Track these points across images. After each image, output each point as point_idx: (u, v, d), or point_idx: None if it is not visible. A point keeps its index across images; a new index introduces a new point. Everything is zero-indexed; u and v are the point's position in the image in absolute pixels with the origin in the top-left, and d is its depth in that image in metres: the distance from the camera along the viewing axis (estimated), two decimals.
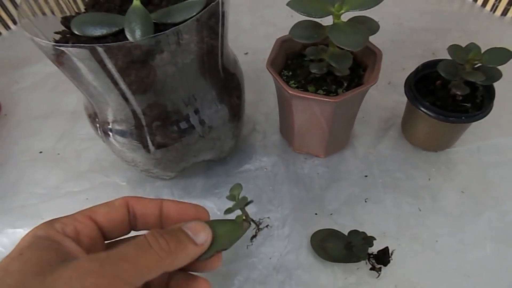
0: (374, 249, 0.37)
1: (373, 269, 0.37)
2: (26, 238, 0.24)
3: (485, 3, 0.67)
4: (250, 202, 0.29)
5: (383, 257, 0.37)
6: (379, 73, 0.39)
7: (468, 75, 0.39)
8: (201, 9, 0.31)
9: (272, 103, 0.54)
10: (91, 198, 0.46)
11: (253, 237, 0.32)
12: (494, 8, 0.66)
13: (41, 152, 0.51)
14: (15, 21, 0.71)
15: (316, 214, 0.43)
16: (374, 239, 0.37)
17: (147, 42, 0.28)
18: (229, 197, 0.30)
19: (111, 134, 0.37)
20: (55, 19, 0.36)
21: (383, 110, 0.52)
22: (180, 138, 0.37)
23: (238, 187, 0.30)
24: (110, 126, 0.37)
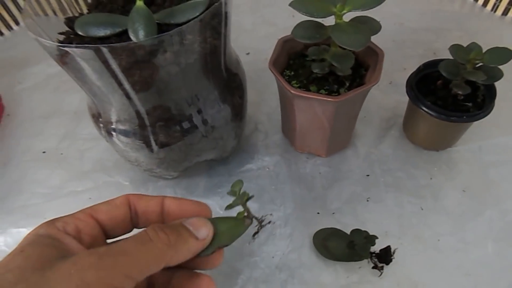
0: (376, 248, 0.38)
1: (375, 268, 0.37)
2: (28, 236, 0.24)
3: (486, 3, 0.67)
4: (251, 197, 0.29)
5: (385, 256, 0.38)
6: (380, 73, 0.39)
7: (469, 74, 0.40)
8: (204, 9, 0.31)
9: (273, 103, 0.54)
10: (94, 197, 0.46)
11: (255, 233, 0.31)
12: (495, 8, 0.66)
13: (44, 152, 0.51)
14: (17, 22, 0.71)
15: (318, 213, 0.43)
16: (376, 238, 0.37)
17: (150, 43, 0.28)
18: (230, 193, 0.30)
19: (114, 134, 0.37)
20: (57, 19, 0.36)
21: (384, 110, 0.53)
22: (183, 137, 0.37)
23: (239, 183, 0.30)
24: (114, 126, 0.37)
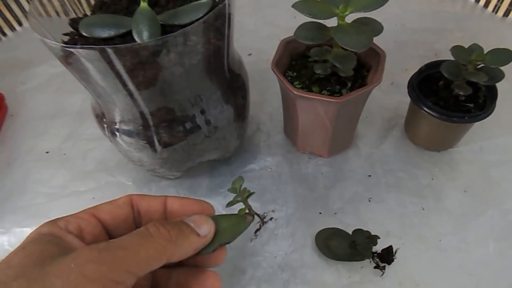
0: (378, 247, 0.38)
1: (377, 267, 0.38)
2: (30, 235, 0.25)
3: (487, 4, 0.67)
4: (252, 194, 0.29)
5: (387, 255, 0.38)
6: (382, 74, 0.39)
7: (471, 75, 0.40)
8: (207, 10, 0.31)
9: (276, 103, 0.54)
10: (97, 197, 0.46)
11: (257, 230, 0.31)
12: (496, 9, 0.66)
13: (47, 152, 0.51)
14: (20, 23, 0.71)
15: (320, 213, 0.43)
16: (378, 238, 0.37)
17: (154, 44, 0.29)
18: (231, 190, 0.30)
19: (118, 134, 0.38)
20: (59, 20, 0.36)
21: (386, 110, 0.53)
22: (186, 138, 0.37)
23: (239, 180, 0.30)
24: (117, 126, 0.37)
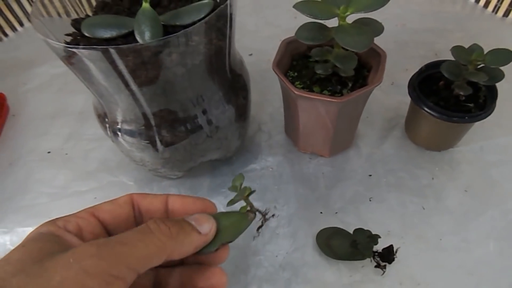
0: (379, 247, 0.38)
1: (378, 266, 0.38)
2: (30, 234, 0.25)
3: (487, 4, 0.67)
4: (253, 192, 0.29)
5: (387, 255, 0.38)
6: (383, 74, 0.40)
7: (471, 75, 0.40)
8: (209, 11, 0.31)
9: (276, 103, 0.54)
10: (99, 197, 0.46)
11: (259, 227, 0.30)
12: (496, 9, 0.66)
13: (49, 152, 0.52)
14: (21, 23, 0.72)
15: (321, 212, 0.44)
16: (379, 237, 0.38)
17: (156, 44, 0.29)
18: (231, 188, 0.29)
19: (120, 134, 0.38)
20: (61, 21, 0.36)
21: (386, 110, 0.53)
22: (188, 138, 0.37)
23: (240, 178, 0.29)
24: (119, 126, 0.37)
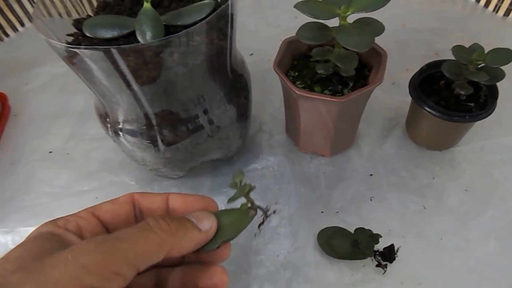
0: (380, 246, 0.38)
1: (379, 266, 0.38)
2: (30, 234, 0.25)
3: (487, 4, 0.67)
4: (253, 188, 0.28)
5: (389, 254, 0.38)
6: (384, 74, 0.40)
7: (472, 75, 0.40)
8: (210, 11, 0.31)
9: (277, 103, 0.54)
10: (100, 197, 0.47)
11: (260, 224, 0.30)
12: (497, 9, 0.66)
13: (50, 152, 0.52)
14: (22, 23, 0.72)
15: (322, 212, 0.44)
16: (380, 236, 0.38)
17: (158, 44, 0.29)
18: (231, 185, 0.29)
19: (121, 134, 0.38)
20: (62, 21, 0.36)
21: (387, 110, 0.53)
22: (189, 137, 0.37)
23: (240, 174, 0.29)
24: (121, 126, 0.37)
